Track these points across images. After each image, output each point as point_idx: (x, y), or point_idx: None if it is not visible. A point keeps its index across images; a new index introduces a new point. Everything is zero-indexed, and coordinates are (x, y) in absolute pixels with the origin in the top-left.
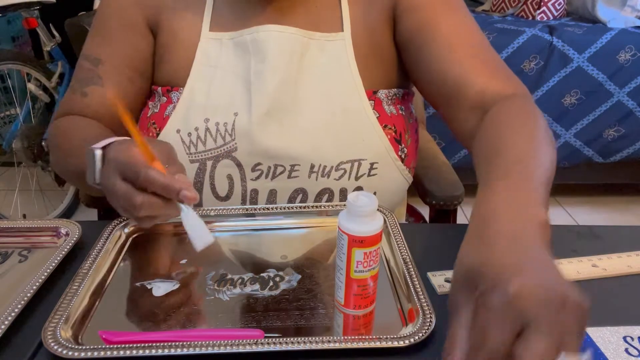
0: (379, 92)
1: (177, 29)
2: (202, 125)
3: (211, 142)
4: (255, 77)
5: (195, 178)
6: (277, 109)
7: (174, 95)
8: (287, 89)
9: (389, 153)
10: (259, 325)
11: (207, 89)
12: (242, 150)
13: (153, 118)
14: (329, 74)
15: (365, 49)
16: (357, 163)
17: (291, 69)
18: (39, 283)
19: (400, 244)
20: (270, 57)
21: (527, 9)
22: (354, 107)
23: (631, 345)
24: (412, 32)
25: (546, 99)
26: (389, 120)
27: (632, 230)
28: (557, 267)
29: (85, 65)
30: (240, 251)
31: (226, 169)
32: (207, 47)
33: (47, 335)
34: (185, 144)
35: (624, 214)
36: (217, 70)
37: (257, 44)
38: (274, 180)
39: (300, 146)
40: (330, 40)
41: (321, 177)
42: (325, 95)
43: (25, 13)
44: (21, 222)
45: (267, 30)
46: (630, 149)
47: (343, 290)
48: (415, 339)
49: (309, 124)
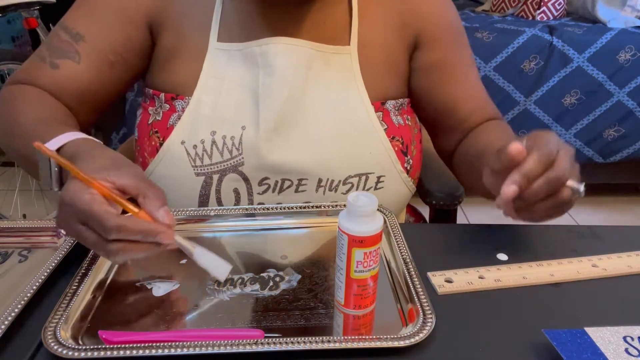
0: (387, 103)
1: (186, 34)
2: (208, 138)
3: (217, 155)
4: (263, 91)
5: (201, 191)
6: (285, 123)
7: (178, 104)
8: (295, 102)
9: (395, 166)
10: (259, 325)
11: (214, 101)
12: (249, 164)
13: (155, 126)
14: (335, 87)
15: (377, 62)
16: (365, 177)
17: (299, 82)
18: (39, 283)
19: (400, 244)
20: (279, 71)
21: (527, 9)
22: (361, 121)
23: (631, 345)
24: (430, 64)
25: (546, 99)
26: (396, 131)
27: (632, 230)
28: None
29: (62, 37)
30: (240, 251)
31: (233, 182)
32: (215, 57)
33: (47, 335)
34: (191, 157)
35: (624, 214)
36: (224, 82)
37: (266, 57)
38: (281, 195)
39: (307, 160)
40: (337, 53)
41: (329, 191)
42: (331, 108)
43: (25, 13)
44: (21, 222)
45: (276, 43)
46: (630, 149)
47: (343, 290)
48: (415, 339)
49: (316, 138)
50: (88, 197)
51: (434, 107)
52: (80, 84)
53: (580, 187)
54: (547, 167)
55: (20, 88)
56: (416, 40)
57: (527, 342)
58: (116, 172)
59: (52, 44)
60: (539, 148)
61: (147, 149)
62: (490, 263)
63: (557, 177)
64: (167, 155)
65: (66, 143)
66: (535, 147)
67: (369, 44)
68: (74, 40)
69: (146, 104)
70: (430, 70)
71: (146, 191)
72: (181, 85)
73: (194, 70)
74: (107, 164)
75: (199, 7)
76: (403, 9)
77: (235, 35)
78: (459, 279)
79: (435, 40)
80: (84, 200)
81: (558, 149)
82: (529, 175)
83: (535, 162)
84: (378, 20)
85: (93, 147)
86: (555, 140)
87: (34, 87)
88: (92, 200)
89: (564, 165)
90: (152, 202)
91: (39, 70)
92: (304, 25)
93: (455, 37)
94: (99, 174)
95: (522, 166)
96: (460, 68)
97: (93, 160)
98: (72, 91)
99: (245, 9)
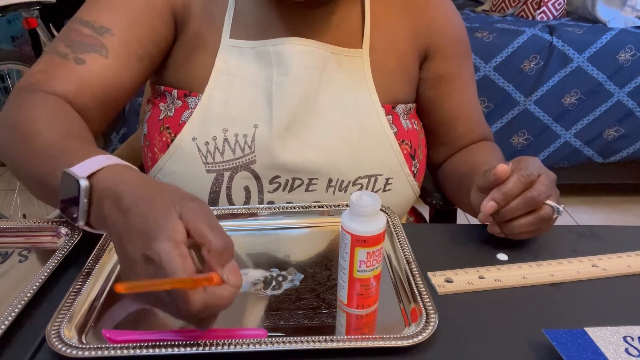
0: (397, 107)
1: (203, 31)
2: (220, 135)
3: (229, 153)
4: (276, 90)
5: (212, 188)
6: (297, 122)
7: (190, 100)
8: (308, 103)
9: (402, 168)
10: (262, 324)
11: (225, 98)
12: (260, 163)
13: (167, 122)
14: (347, 89)
15: (388, 66)
16: (374, 178)
17: (312, 83)
18: (39, 283)
19: (403, 244)
20: (294, 71)
21: (527, 9)
22: (372, 123)
23: (631, 345)
24: (438, 76)
25: (546, 99)
26: (406, 135)
27: (632, 230)
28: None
29: (84, 31)
30: (242, 251)
31: (244, 180)
32: (227, 54)
33: (51, 334)
34: (202, 153)
35: (624, 214)
36: (236, 80)
37: (281, 57)
38: (291, 193)
39: (319, 160)
40: (349, 55)
41: (338, 192)
42: (343, 110)
43: (25, 13)
44: (21, 222)
45: (292, 43)
46: (630, 149)
47: (346, 290)
48: (418, 338)
49: (328, 138)
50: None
51: (434, 119)
52: (106, 80)
53: (560, 207)
54: (526, 187)
55: (31, 98)
56: (427, 51)
57: (527, 342)
58: (185, 209)
59: (72, 39)
60: (519, 170)
61: (157, 144)
62: (490, 263)
63: (532, 197)
64: (177, 151)
65: (100, 170)
66: (517, 169)
67: (381, 48)
68: (99, 34)
69: (157, 100)
70: (437, 83)
71: (212, 242)
72: (194, 83)
73: (206, 67)
74: (174, 196)
75: (217, 5)
76: (417, 19)
77: (248, 33)
78: (459, 279)
79: (445, 54)
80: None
81: (539, 173)
82: (507, 194)
83: (514, 183)
84: (391, 26)
85: (140, 177)
86: (537, 165)
87: (47, 94)
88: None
89: (540, 188)
90: (218, 257)
91: (60, 68)
92: (318, 27)
93: (463, 53)
94: (170, 213)
95: (503, 185)
96: (464, 84)
97: (154, 197)
98: (96, 89)
99: (260, 8)
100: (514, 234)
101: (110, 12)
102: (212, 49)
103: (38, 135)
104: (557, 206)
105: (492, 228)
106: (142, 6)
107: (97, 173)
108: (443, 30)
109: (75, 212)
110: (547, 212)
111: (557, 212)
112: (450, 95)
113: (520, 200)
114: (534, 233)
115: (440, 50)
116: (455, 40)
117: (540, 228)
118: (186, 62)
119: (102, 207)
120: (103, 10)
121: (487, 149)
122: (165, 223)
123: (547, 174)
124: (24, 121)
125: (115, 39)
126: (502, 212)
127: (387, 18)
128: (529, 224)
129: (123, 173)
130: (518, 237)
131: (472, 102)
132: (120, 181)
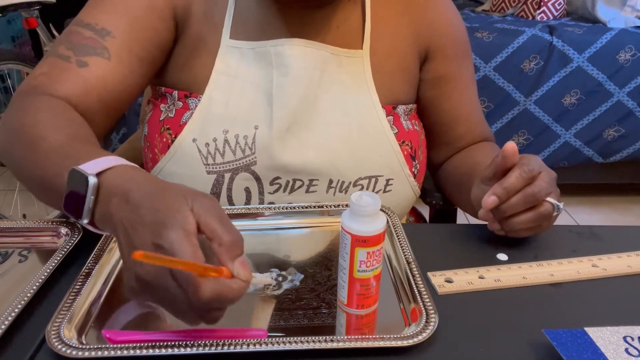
0: (398, 108)
1: (203, 32)
2: (220, 137)
3: (230, 154)
4: (277, 90)
5: (212, 190)
6: (298, 123)
7: (191, 102)
8: (308, 103)
9: (403, 169)
10: (262, 324)
11: (226, 99)
12: (261, 164)
13: (167, 123)
14: (347, 90)
15: (389, 67)
16: (375, 179)
17: (313, 84)
18: (39, 283)
19: (403, 244)
20: (294, 72)
21: (527, 8)
22: (372, 124)
23: (631, 345)
24: (439, 76)
25: (546, 99)
26: (406, 136)
27: (632, 230)
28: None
29: (85, 34)
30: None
31: (244, 181)
32: (227, 55)
33: (51, 334)
34: (203, 155)
35: (624, 214)
36: (236, 81)
37: (281, 58)
38: (291, 194)
39: (319, 161)
40: (350, 56)
41: (339, 192)
42: (343, 111)
43: (25, 13)
44: (21, 222)
45: (292, 44)
46: (630, 149)
47: (346, 290)
48: (418, 338)
49: (328, 139)
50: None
51: (435, 120)
52: (109, 83)
53: (560, 205)
54: (527, 183)
55: (35, 101)
56: (427, 51)
57: (527, 342)
58: (196, 204)
59: (73, 41)
60: (521, 165)
61: (157, 145)
62: (490, 263)
63: (533, 193)
64: (178, 152)
65: (109, 168)
66: (519, 164)
67: (381, 49)
68: (100, 36)
69: (157, 101)
70: (437, 83)
71: (222, 237)
72: (195, 84)
73: (206, 68)
74: (185, 191)
75: (217, 6)
76: (417, 20)
77: (248, 34)
78: (459, 279)
79: (445, 55)
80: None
81: (540, 170)
82: (508, 189)
83: (516, 178)
84: (391, 27)
85: (149, 177)
86: (538, 163)
87: (51, 97)
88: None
89: (541, 184)
90: (228, 251)
91: (64, 71)
92: (319, 28)
93: (463, 53)
94: (181, 204)
95: (504, 180)
96: (464, 84)
97: (164, 193)
98: (100, 92)
99: (260, 8)
100: (514, 231)
101: (111, 14)
102: (212, 50)
103: (44, 138)
104: (557, 203)
105: (492, 225)
106: (143, 8)
107: (105, 172)
108: (443, 30)
109: (81, 209)
110: (547, 209)
111: (557, 209)
112: (450, 95)
113: (520, 196)
114: (534, 230)
115: (441, 51)
116: (455, 41)
117: (540, 225)
118: (187, 63)
119: (109, 204)
120: (104, 13)
121: (487, 149)
122: (177, 214)
123: (548, 171)
124: (29, 124)
125: (116, 42)
126: (502, 208)
127: (388, 19)
128: (529, 221)
129: (132, 173)
130: (518, 234)
131: (473, 103)
132: (129, 179)
